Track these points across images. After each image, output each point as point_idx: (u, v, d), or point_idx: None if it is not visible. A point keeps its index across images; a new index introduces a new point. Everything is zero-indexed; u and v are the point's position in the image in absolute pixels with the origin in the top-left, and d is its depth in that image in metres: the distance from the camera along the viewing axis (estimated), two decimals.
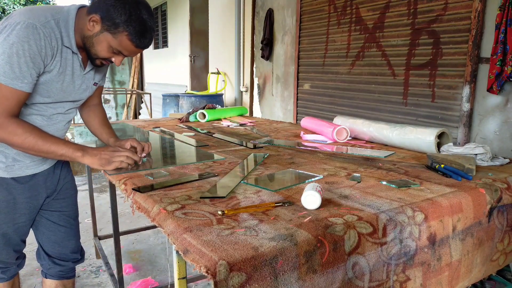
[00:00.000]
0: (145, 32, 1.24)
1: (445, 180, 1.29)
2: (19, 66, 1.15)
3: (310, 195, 0.99)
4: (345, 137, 2.01)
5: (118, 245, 2.09)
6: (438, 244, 1.08)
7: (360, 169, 1.41)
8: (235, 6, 5.17)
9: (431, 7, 2.81)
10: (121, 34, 1.23)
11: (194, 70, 7.08)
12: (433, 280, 1.09)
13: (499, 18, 2.29)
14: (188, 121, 2.69)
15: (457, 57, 2.65)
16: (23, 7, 1.30)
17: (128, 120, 2.98)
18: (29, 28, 1.15)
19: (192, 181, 1.23)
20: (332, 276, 0.87)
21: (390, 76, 3.18)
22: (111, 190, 2.11)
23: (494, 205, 1.22)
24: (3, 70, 1.14)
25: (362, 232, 0.92)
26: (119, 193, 3.26)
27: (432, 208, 1.06)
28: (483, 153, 1.48)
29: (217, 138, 2.06)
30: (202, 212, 0.97)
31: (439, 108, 2.81)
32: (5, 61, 1.13)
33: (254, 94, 5.14)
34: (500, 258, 1.30)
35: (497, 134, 2.46)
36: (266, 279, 0.77)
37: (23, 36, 1.14)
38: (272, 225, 0.89)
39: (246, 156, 1.60)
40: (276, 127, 2.52)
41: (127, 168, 1.37)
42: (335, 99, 3.78)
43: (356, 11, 3.45)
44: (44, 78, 1.24)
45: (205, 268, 0.73)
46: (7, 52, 1.13)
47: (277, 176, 1.31)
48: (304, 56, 4.16)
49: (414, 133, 1.72)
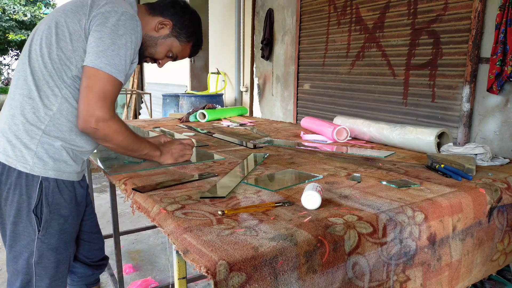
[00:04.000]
0: (201, 44, 1.41)
1: (445, 180, 1.29)
2: (125, 58, 1.13)
3: (310, 195, 0.99)
4: (345, 137, 2.01)
5: (118, 245, 2.09)
6: (438, 244, 1.08)
7: (360, 169, 1.41)
8: (235, 6, 5.17)
9: (431, 7, 2.81)
10: (188, 43, 1.35)
11: (194, 70, 7.08)
12: (433, 280, 1.09)
13: (499, 18, 2.29)
14: (188, 121, 2.69)
15: (457, 57, 2.65)
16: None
17: (128, 120, 2.98)
18: (133, 20, 1.15)
19: (192, 181, 1.23)
20: (332, 276, 0.87)
21: (390, 76, 3.18)
22: (111, 190, 2.11)
23: (494, 205, 1.22)
24: (114, 61, 1.11)
25: (362, 232, 0.92)
26: (119, 193, 3.26)
27: (432, 208, 1.06)
28: (483, 153, 1.48)
29: (217, 138, 2.06)
30: (202, 212, 0.97)
31: (439, 108, 2.81)
32: (115, 52, 1.11)
33: (254, 94, 5.14)
34: (500, 258, 1.30)
35: (497, 134, 2.46)
36: (266, 279, 0.77)
37: (130, 28, 1.14)
38: (272, 225, 0.89)
39: (246, 156, 1.60)
40: (276, 127, 2.52)
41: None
42: (335, 99, 3.78)
43: (356, 11, 3.45)
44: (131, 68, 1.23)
45: (205, 268, 0.73)
46: (117, 43, 1.11)
47: (277, 176, 1.31)
48: (304, 56, 4.16)
49: (414, 133, 1.72)
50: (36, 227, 1.18)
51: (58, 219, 1.21)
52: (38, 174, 1.15)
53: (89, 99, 1.10)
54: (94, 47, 1.11)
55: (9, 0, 17.11)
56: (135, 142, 1.26)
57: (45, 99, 1.15)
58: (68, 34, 1.14)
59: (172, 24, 1.31)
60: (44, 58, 1.15)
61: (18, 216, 1.17)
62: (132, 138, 1.24)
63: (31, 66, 1.15)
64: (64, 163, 1.19)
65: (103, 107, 1.12)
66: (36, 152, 1.15)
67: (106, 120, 1.13)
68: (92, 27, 1.13)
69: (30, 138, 1.14)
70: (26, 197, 1.16)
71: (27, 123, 1.14)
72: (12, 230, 1.19)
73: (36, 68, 1.15)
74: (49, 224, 1.19)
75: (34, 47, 1.17)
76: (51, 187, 1.17)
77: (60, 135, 1.17)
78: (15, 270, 1.22)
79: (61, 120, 1.17)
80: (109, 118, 1.13)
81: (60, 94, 1.16)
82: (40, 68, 1.15)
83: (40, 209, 1.17)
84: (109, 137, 1.16)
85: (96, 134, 1.15)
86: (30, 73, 1.15)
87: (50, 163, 1.17)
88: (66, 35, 1.14)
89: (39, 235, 1.19)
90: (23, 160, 1.14)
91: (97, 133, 1.14)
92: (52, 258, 1.23)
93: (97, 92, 1.10)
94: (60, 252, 1.24)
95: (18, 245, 1.20)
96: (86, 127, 1.13)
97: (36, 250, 1.19)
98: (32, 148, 1.14)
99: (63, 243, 1.25)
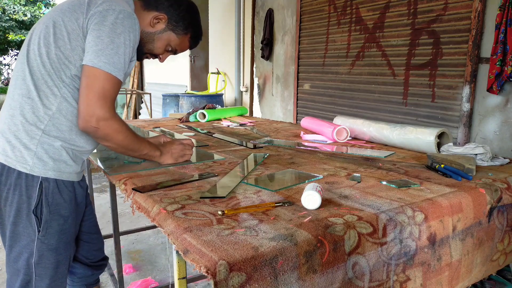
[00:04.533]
0: (200, 35, 1.39)
1: (445, 180, 1.29)
2: (124, 57, 1.13)
3: (310, 195, 0.99)
4: (345, 137, 2.01)
5: (118, 245, 2.09)
6: (438, 244, 1.08)
7: (360, 169, 1.41)
8: (235, 6, 5.17)
9: (431, 7, 2.81)
10: (185, 36, 1.34)
11: (194, 70, 7.07)
12: (433, 280, 1.09)
13: (499, 18, 2.29)
14: (188, 121, 2.69)
15: (457, 57, 2.65)
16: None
17: (128, 120, 2.98)
18: (131, 18, 1.15)
19: (192, 181, 1.23)
20: (332, 276, 0.87)
21: (390, 76, 3.18)
22: (111, 190, 2.11)
23: (494, 205, 1.22)
24: (113, 60, 1.11)
25: (362, 232, 0.92)
26: (119, 193, 3.25)
27: (432, 208, 1.06)
28: (483, 153, 1.48)
29: (217, 138, 2.06)
30: (202, 212, 0.97)
31: (439, 108, 2.81)
32: (114, 51, 1.10)
33: (254, 94, 5.14)
34: (500, 258, 1.30)
35: (497, 134, 2.46)
36: (266, 279, 0.77)
37: (128, 26, 1.13)
38: (272, 225, 0.89)
39: (246, 156, 1.60)
40: (276, 127, 2.52)
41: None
42: (335, 99, 3.78)
43: (356, 11, 3.45)
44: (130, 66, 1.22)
45: (205, 268, 0.73)
46: (116, 42, 1.11)
47: (277, 176, 1.31)
48: (304, 56, 4.16)
49: (414, 133, 1.72)
50: (36, 228, 1.17)
51: (58, 220, 1.21)
52: (38, 174, 1.15)
53: (89, 98, 1.10)
54: (93, 46, 1.11)
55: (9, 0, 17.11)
56: (135, 142, 1.25)
57: (44, 99, 1.15)
58: (66, 33, 1.14)
59: (167, 17, 1.29)
60: (43, 57, 1.14)
61: (18, 216, 1.17)
62: (132, 138, 1.24)
63: (30, 66, 1.15)
64: (64, 163, 1.19)
65: (103, 106, 1.11)
66: (36, 152, 1.14)
67: (106, 119, 1.12)
68: (90, 26, 1.13)
69: (30, 138, 1.14)
70: (26, 197, 1.16)
71: (26, 123, 1.14)
72: (12, 230, 1.19)
73: (35, 68, 1.15)
74: (49, 224, 1.19)
75: (32, 47, 1.16)
76: (51, 188, 1.17)
77: (59, 135, 1.17)
78: (15, 270, 1.21)
79: (61, 119, 1.17)
80: (109, 117, 1.13)
81: (59, 94, 1.15)
82: (38, 68, 1.14)
83: (40, 209, 1.17)
84: (109, 137, 1.16)
85: (97, 134, 1.15)
86: (28, 73, 1.15)
87: (50, 163, 1.16)
88: (64, 34, 1.14)
89: (39, 236, 1.18)
90: (23, 160, 1.14)
91: (98, 132, 1.14)
92: (52, 259, 1.22)
93: (97, 91, 1.10)
94: (60, 252, 1.24)
95: (18, 246, 1.20)
96: (87, 126, 1.13)
97: (36, 251, 1.19)
98: (31, 148, 1.14)
99: (63, 243, 1.24)
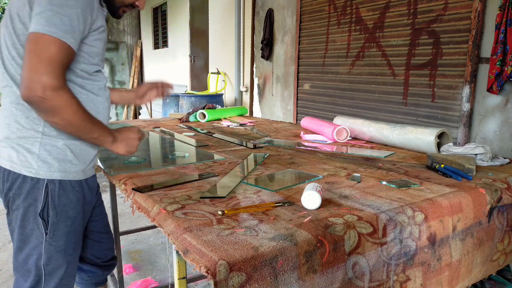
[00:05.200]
0: None
1: (445, 180, 1.29)
2: (70, 19, 1.01)
3: (310, 195, 0.99)
4: (345, 137, 2.01)
5: (118, 245, 2.09)
6: (438, 244, 1.08)
7: (360, 169, 1.41)
8: (235, 6, 5.17)
9: (431, 7, 2.81)
10: None
11: (194, 70, 7.07)
12: (433, 280, 1.09)
13: (499, 18, 2.29)
14: (188, 121, 2.69)
15: (457, 57, 2.65)
16: None
17: (128, 120, 2.98)
18: None
19: (192, 181, 1.23)
20: (332, 276, 0.87)
21: (390, 76, 3.18)
22: (111, 190, 2.11)
23: (494, 205, 1.22)
24: (53, 22, 0.99)
25: (362, 232, 0.92)
26: (119, 193, 3.25)
27: (432, 208, 1.06)
28: (483, 153, 1.48)
29: (217, 138, 2.06)
30: (202, 212, 0.97)
31: (439, 108, 2.81)
32: (54, 11, 0.99)
33: (254, 94, 5.14)
34: (500, 258, 1.30)
35: (497, 134, 2.46)
36: (266, 279, 0.77)
37: None
38: (272, 225, 0.89)
39: (246, 156, 1.60)
40: (276, 127, 2.52)
41: None
42: (335, 99, 3.78)
43: (356, 11, 3.45)
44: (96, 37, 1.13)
45: (205, 268, 0.73)
46: (55, 3, 1.00)
47: (277, 176, 1.31)
48: (304, 56, 4.16)
49: (414, 133, 1.72)
50: (44, 230, 1.17)
51: (65, 221, 1.20)
52: (44, 177, 1.14)
53: (32, 63, 0.99)
54: (33, 15, 1.02)
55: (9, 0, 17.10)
56: (86, 121, 1.10)
57: None
58: (23, 26, 1.07)
59: None
60: (17, 60, 1.10)
61: (25, 220, 1.17)
62: (83, 116, 1.09)
63: (9, 72, 1.12)
64: (69, 163, 1.18)
65: (50, 72, 0.99)
66: (39, 155, 1.13)
67: (55, 88, 1.00)
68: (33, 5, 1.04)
69: (31, 142, 1.13)
70: (33, 200, 1.15)
71: (23, 129, 1.13)
72: (20, 233, 1.18)
73: (13, 72, 1.11)
74: (56, 227, 1.19)
75: (4, 53, 1.13)
76: (56, 189, 1.17)
77: (59, 133, 1.15)
78: (25, 271, 1.21)
79: None
80: (59, 87, 1.01)
81: None
82: (17, 72, 1.11)
83: (46, 212, 1.16)
84: (57, 110, 1.03)
85: (42, 105, 1.01)
86: (10, 80, 1.12)
87: (55, 164, 1.15)
88: (22, 27, 1.07)
89: (47, 238, 1.18)
90: (28, 164, 1.13)
91: (44, 103, 1.00)
92: (61, 260, 1.22)
93: (40, 55, 0.99)
94: (69, 253, 1.24)
95: (26, 248, 1.19)
96: (31, 95, 0.99)
97: (45, 253, 1.19)
98: (34, 151, 1.13)
99: (72, 244, 1.24)
